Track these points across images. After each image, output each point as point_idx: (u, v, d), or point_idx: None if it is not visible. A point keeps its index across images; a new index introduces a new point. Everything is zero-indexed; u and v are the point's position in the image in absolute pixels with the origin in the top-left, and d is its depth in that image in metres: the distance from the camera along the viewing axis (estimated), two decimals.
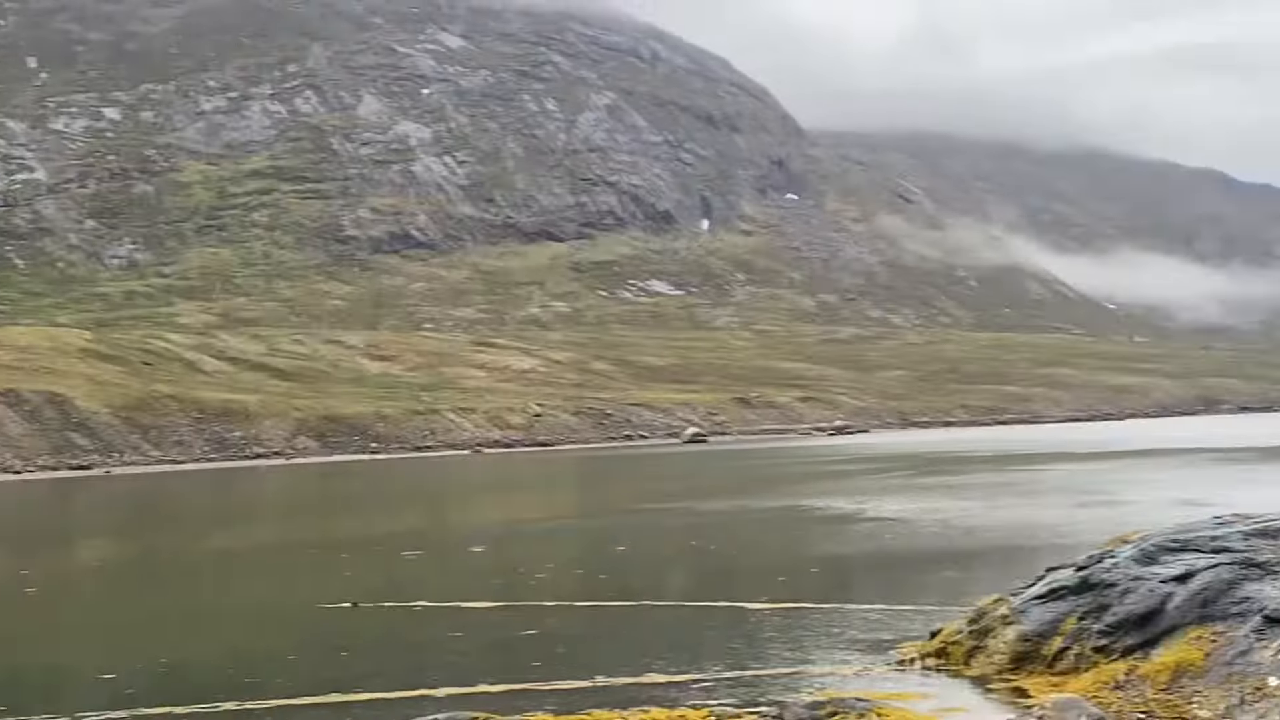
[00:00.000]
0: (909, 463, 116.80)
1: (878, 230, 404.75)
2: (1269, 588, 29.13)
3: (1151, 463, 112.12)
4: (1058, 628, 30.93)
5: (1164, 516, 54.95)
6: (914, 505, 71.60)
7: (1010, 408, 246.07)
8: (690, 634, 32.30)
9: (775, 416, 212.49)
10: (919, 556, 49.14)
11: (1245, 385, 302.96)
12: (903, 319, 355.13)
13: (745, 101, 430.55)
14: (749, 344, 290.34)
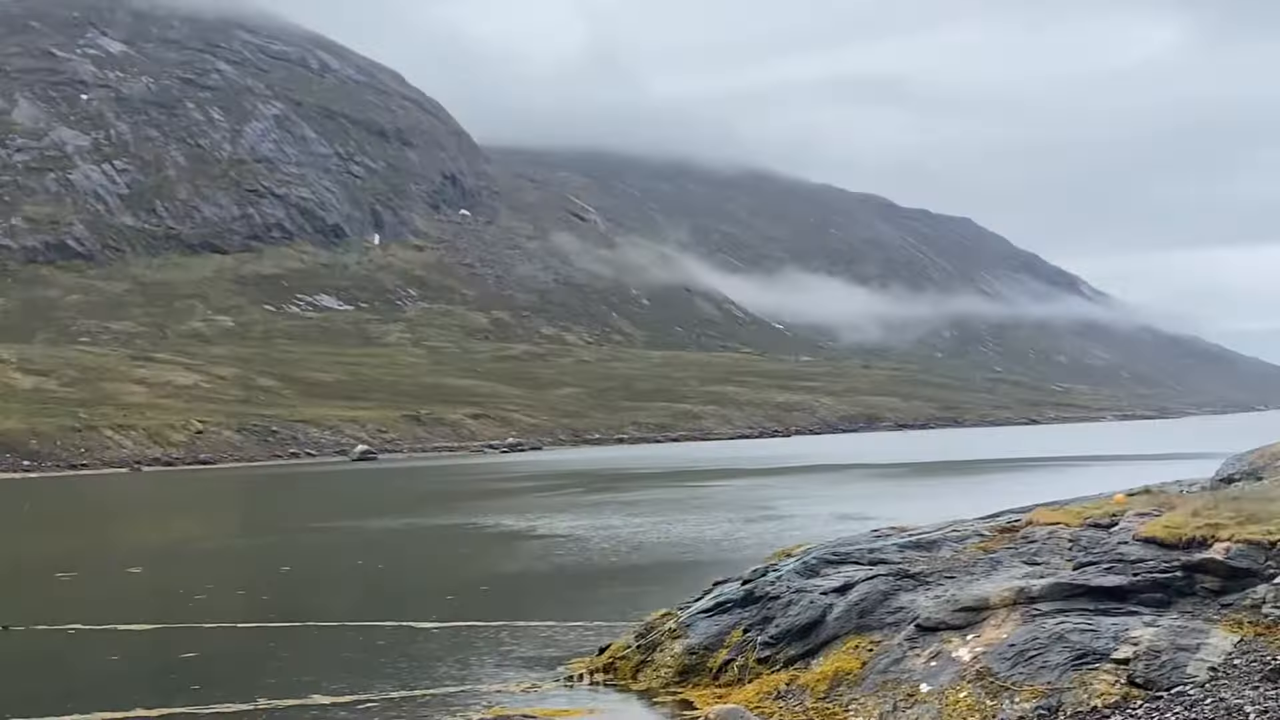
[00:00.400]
0: (581, 480, 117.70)
1: (551, 247, 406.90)
2: (922, 598, 30.18)
3: (815, 478, 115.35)
4: (723, 640, 31.48)
5: (826, 530, 56.55)
6: (585, 522, 72.11)
7: (681, 425, 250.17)
8: (358, 654, 31.82)
9: (447, 434, 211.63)
10: (590, 573, 49.48)
11: (903, 404, 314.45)
12: (576, 336, 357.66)
13: (418, 116, 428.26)
14: (421, 360, 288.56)
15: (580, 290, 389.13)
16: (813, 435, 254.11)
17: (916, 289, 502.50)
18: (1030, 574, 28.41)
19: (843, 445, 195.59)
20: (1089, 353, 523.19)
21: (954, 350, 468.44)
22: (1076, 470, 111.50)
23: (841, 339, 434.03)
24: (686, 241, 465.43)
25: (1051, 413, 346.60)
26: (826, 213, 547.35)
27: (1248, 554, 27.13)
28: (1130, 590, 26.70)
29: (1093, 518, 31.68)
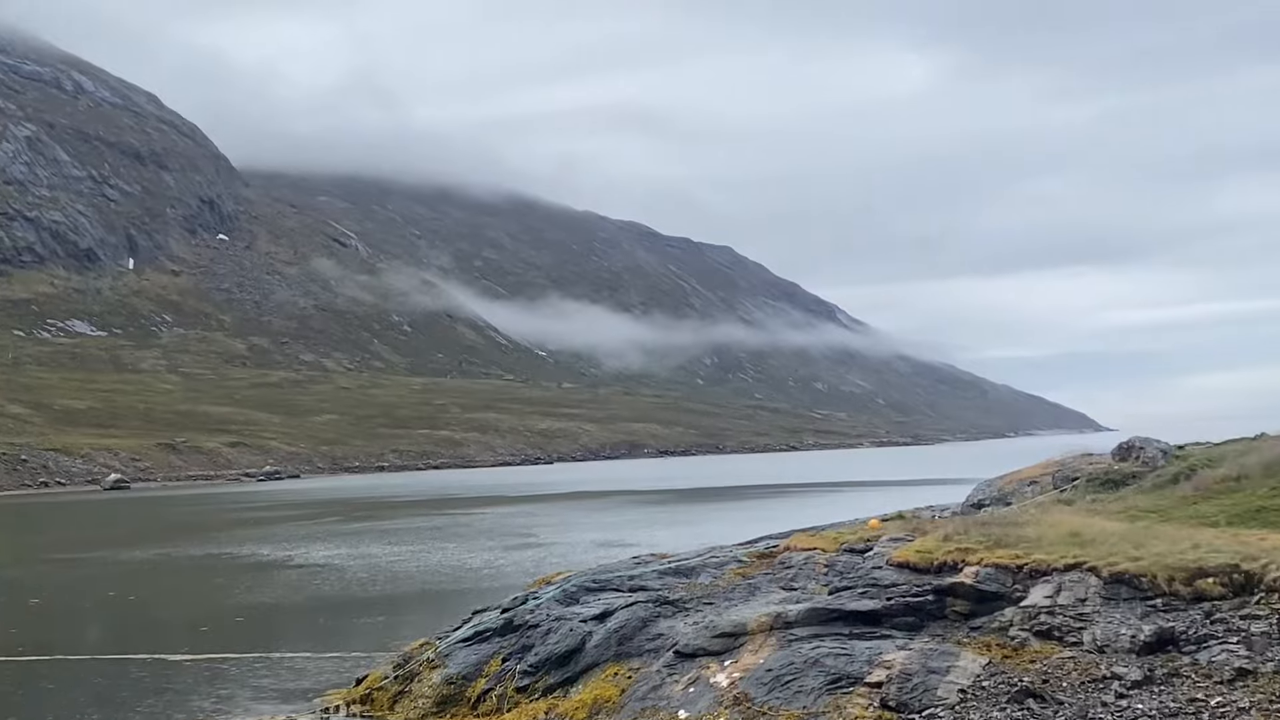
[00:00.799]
0: (340, 508, 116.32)
1: (311, 273, 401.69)
2: (681, 624, 30.41)
3: (577, 505, 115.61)
4: (482, 669, 31.28)
5: (587, 557, 56.64)
6: (344, 551, 71.17)
7: (443, 452, 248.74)
8: (107, 688, 30.85)
9: (203, 462, 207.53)
10: (347, 603, 48.78)
11: (665, 430, 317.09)
12: (335, 363, 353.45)
13: (175, 139, 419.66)
14: (176, 388, 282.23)
15: (340, 316, 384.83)
16: (575, 462, 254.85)
17: (678, 316, 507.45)
18: (787, 599, 28.78)
19: (605, 472, 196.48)
20: (846, 380, 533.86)
21: (715, 377, 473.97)
22: (834, 496, 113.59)
23: (604, 366, 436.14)
24: (449, 267, 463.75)
25: (810, 439, 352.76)
26: (589, 240, 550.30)
27: (996, 577, 27.84)
28: (884, 614, 27.19)
29: (848, 543, 32.24)
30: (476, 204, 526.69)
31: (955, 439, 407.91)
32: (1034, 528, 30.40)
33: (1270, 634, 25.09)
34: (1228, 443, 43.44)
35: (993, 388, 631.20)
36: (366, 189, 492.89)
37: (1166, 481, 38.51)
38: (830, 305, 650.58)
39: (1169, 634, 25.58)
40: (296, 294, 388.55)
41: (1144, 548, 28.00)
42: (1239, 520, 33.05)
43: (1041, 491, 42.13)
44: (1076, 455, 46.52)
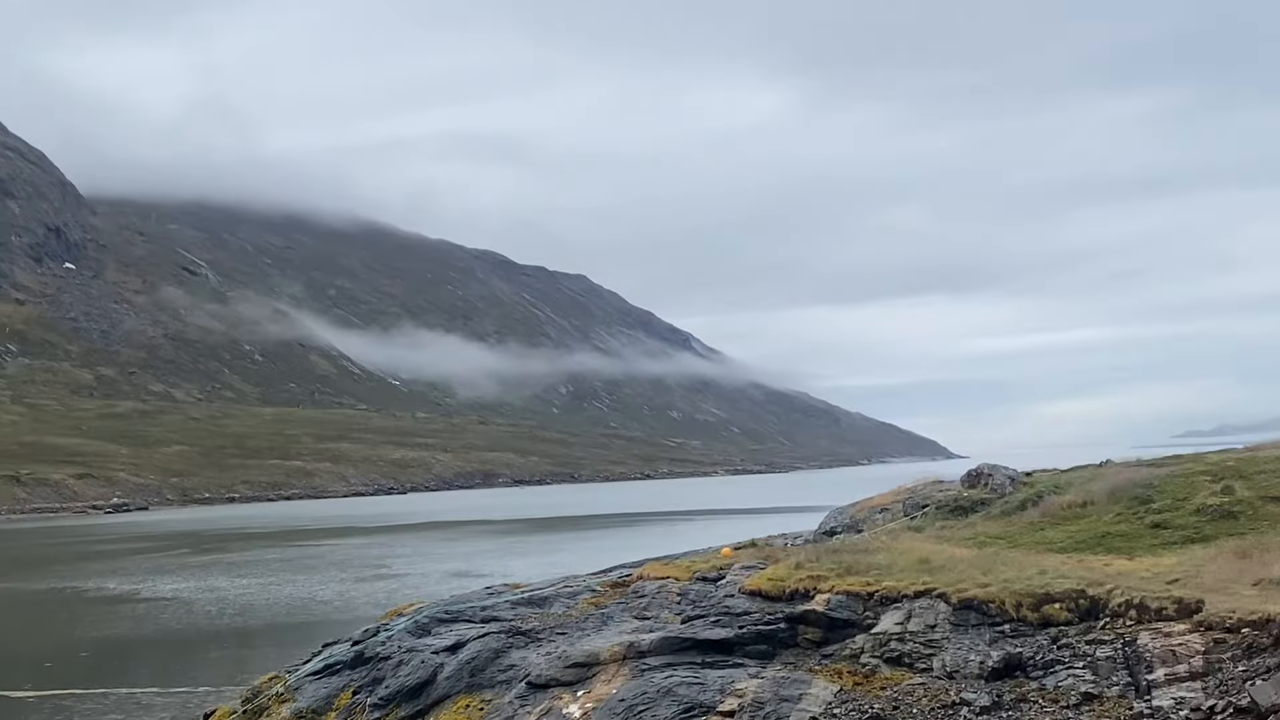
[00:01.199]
0: (189, 540, 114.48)
1: (161, 302, 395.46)
2: (534, 655, 30.24)
3: (431, 536, 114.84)
4: (333, 703, 30.84)
5: (439, 588, 56.20)
6: (192, 584, 70.03)
7: (294, 483, 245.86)
8: None
9: (49, 495, 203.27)
10: (195, 636, 47.96)
11: (520, 460, 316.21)
12: (185, 393, 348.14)
13: (20, 165, 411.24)
14: (21, 419, 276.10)
15: (190, 346, 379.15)
16: (429, 492, 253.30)
17: (533, 345, 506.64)
18: (640, 628, 28.72)
19: (459, 502, 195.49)
20: (701, 408, 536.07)
21: (570, 406, 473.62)
22: (688, 524, 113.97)
23: (458, 395, 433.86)
24: (301, 296, 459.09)
25: (665, 467, 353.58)
26: (443, 269, 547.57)
27: (847, 605, 28.00)
28: (736, 642, 27.23)
29: (701, 571, 32.27)
30: (329, 232, 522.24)
31: (809, 467, 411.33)
32: (885, 555, 30.66)
33: (1115, 659, 25.47)
34: (1074, 469, 44.15)
35: (846, 415, 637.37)
36: (217, 217, 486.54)
37: (1014, 508, 39.05)
38: (685, 334, 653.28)
39: (1017, 660, 25.87)
40: (145, 323, 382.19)
41: (992, 574, 28.33)
42: (1085, 546, 33.58)
43: (892, 518, 42.49)
44: (927, 482, 47.02)
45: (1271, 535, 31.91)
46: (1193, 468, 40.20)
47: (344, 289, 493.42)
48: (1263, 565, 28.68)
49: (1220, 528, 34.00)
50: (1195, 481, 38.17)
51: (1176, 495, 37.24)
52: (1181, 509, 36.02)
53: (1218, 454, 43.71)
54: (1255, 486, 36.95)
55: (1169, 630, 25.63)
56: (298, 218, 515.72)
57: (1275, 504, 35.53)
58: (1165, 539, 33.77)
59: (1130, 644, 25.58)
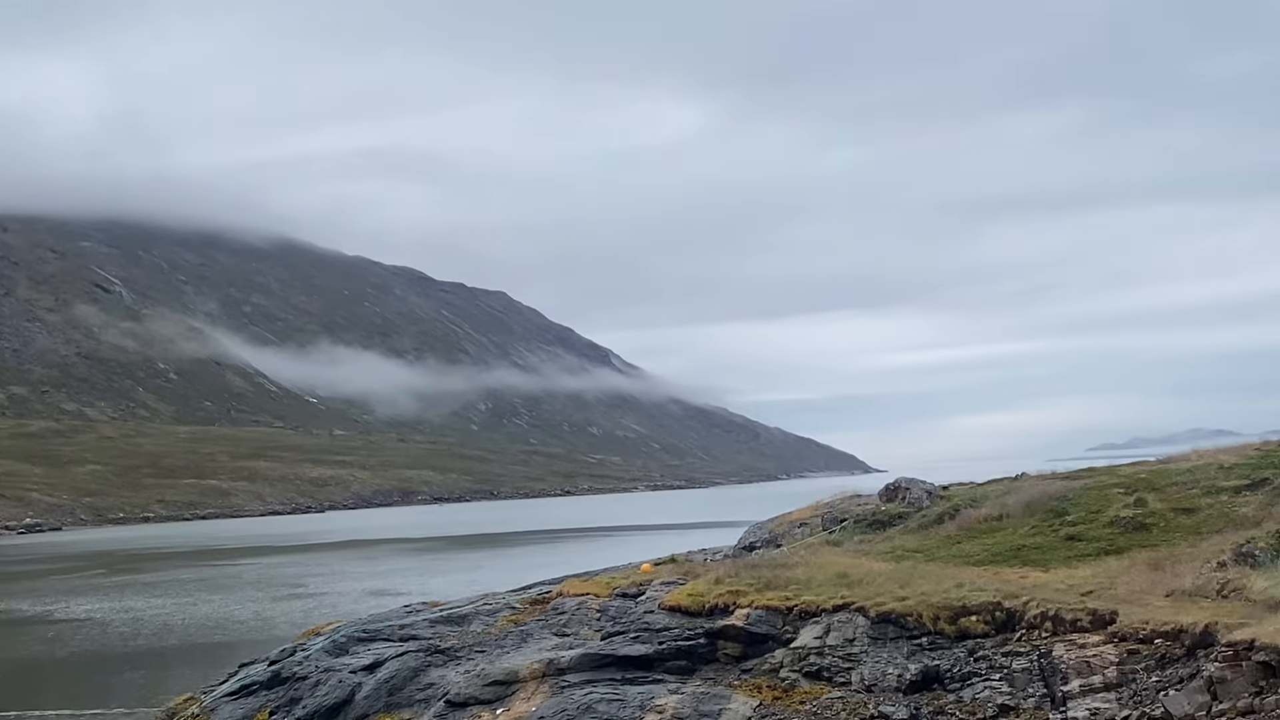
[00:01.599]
0: (103, 561, 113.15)
1: (74, 320, 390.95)
2: (453, 673, 30.11)
3: (349, 554, 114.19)
4: None
5: (357, 607, 55.87)
6: (106, 605, 69.24)
7: (210, 502, 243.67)
8: None
9: None
10: (109, 658, 47.42)
11: (439, 477, 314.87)
12: (99, 412, 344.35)
13: None
14: None
15: (104, 364, 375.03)
16: (347, 510, 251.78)
17: (451, 362, 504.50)
18: (560, 645, 28.68)
19: (378, 520, 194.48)
20: (621, 424, 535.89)
21: (489, 423, 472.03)
22: (608, 540, 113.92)
23: (376, 412, 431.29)
24: (216, 313, 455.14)
25: (586, 484, 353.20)
26: (361, 285, 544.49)
27: (767, 619, 28.09)
28: (656, 658, 27.25)
29: (621, 588, 32.28)
30: (245, 249, 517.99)
31: (728, 482, 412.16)
32: (803, 569, 30.78)
33: (1031, 670, 25.70)
34: (990, 483, 44.54)
35: (765, 430, 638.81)
36: (131, 234, 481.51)
37: (931, 521, 39.34)
38: (604, 350, 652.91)
39: (934, 672, 26.04)
40: (58, 341, 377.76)
41: (910, 587, 28.51)
42: (1001, 558, 33.88)
43: (811, 533, 42.68)
44: (845, 496, 47.26)
45: (1183, 546, 32.33)
46: (1106, 480, 40.67)
47: (260, 306, 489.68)
48: (1175, 576, 29.05)
49: (1133, 539, 34.41)
50: (1108, 494, 38.62)
51: (1090, 508, 37.65)
52: (1095, 521, 36.43)
53: (1130, 467, 44.23)
54: (1167, 498, 37.42)
55: (1083, 642, 25.90)
56: (213, 235, 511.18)
57: (1187, 515, 36.00)
58: (1079, 551, 34.12)
59: (1046, 655, 25.82)
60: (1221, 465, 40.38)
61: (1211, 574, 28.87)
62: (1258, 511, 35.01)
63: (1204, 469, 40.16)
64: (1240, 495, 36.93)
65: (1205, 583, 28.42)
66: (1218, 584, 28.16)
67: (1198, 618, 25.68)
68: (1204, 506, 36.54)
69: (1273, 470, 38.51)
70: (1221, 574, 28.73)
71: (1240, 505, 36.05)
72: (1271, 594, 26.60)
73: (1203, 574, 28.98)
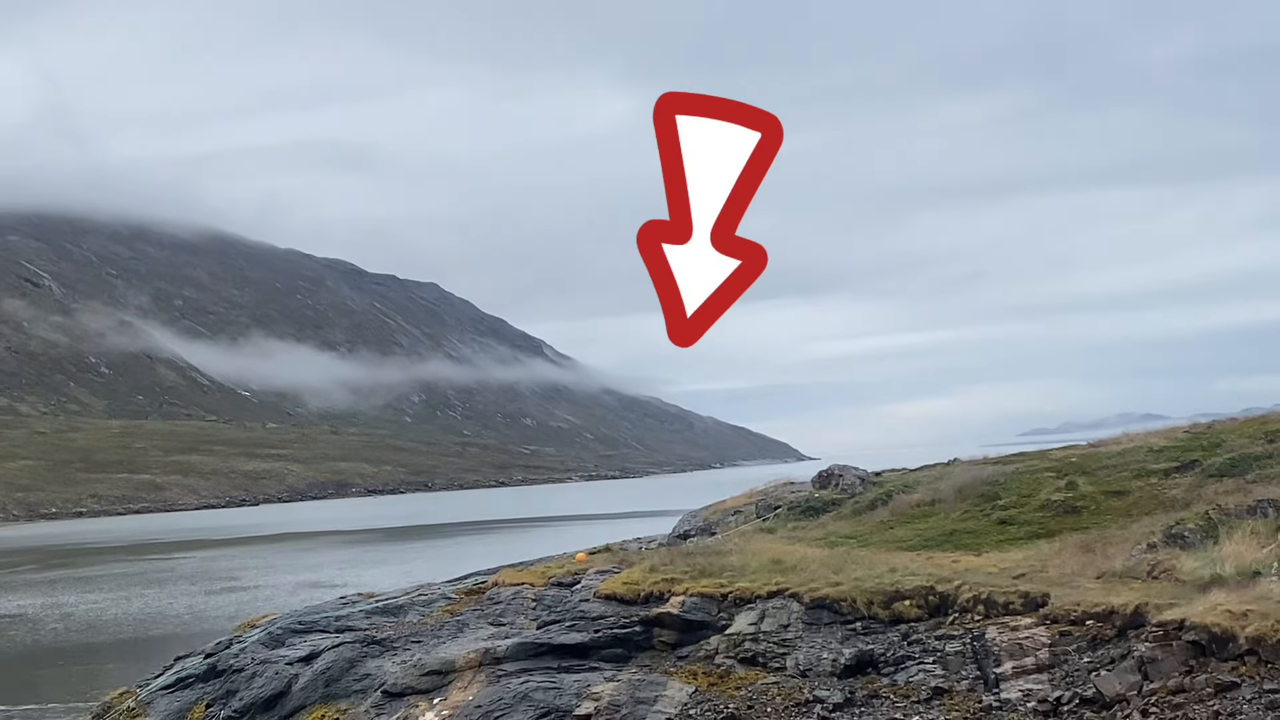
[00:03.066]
0: (35, 556, 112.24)
1: (2, 314, 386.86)
2: (389, 663, 30.11)
3: (283, 547, 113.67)
4: (186, 716, 30.44)
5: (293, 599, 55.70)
6: (38, 600, 68.71)
7: (144, 496, 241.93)
8: None
9: None
10: (43, 653, 47.09)
11: (373, 469, 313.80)
12: (30, 407, 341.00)
13: None
14: None
15: (34, 359, 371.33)
16: (282, 504, 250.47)
17: (384, 354, 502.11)
18: (496, 634, 28.72)
19: (312, 513, 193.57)
20: (554, 415, 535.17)
21: (423, 415, 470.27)
22: (542, 530, 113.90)
23: (309, 405, 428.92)
24: (148, 307, 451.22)
25: (520, 475, 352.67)
26: (292, 278, 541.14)
27: (702, 606, 28.23)
28: (592, 646, 27.33)
29: (556, 577, 32.35)
30: (176, 242, 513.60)
31: (663, 471, 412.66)
32: (738, 556, 30.93)
33: (964, 653, 25.94)
34: (922, 469, 44.86)
35: (699, 420, 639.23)
36: (60, 227, 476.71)
37: (864, 507, 39.61)
38: (537, 341, 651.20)
39: (869, 656, 26.25)
40: None
41: (843, 573, 28.72)
42: (933, 543, 34.17)
43: (745, 521, 42.87)
44: (779, 484, 47.48)
45: (1114, 529, 32.70)
46: (1037, 465, 41.08)
47: (191, 299, 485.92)
48: (1105, 558, 29.39)
49: (1064, 522, 34.78)
50: (1040, 478, 39.01)
51: (1022, 492, 38.03)
52: (1027, 505, 36.80)
53: (1061, 451, 44.70)
54: (1097, 482, 37.83)
55: (1016, 624, 26.17)
56: (143, 228, 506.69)
57: (1117, 498, 36.41)
58: (1011, 535, 34.47)
59: (979, 639, 26.08)
60: (1151, 448, 40.86)
61: (1142, 555, 29.23)
62: (1187, 493, 35.45)
63: (1134, 452, 40.62)
64: (1170, 478, 37.39)
65: (1136, 564, 28.77)
66: (1148, 565, 28.51)
67: (1128, 599, 26.00)
68: (1134, 489, 36.97)
69: (1202, 453, 39.00)
70: (1152, 555, 29.10)
71: (1170, 487, 36.49)
72: (1201, 574, 26.96)
73: (1133, 556, 29.34)
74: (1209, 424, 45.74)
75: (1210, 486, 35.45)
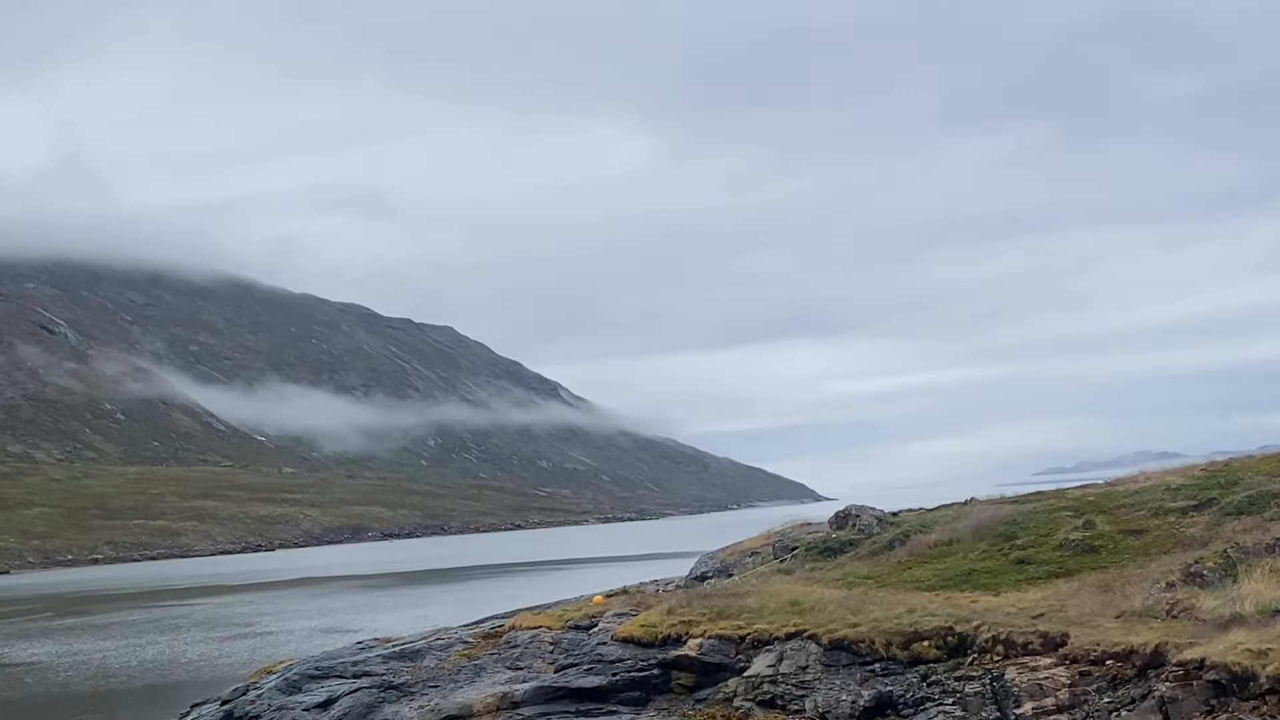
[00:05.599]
0: (51, 604, 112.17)
1: (18, 362, 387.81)
2: (406, 709, 30.01)
3: (300, 592, 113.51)
4: None
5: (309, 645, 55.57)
6: (54, 648, 68.63)
7: (160, 543, 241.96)
8: None
9: None
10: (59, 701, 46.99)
11: (389, 513, 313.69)
12: (45, 454, 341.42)
13: None
14: None
15: (50, 406, 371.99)
16: (298, 548, 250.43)
17: (400, 397, 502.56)
18: (514, 678, 28.62)
19: (328, 557, 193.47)
20: (570, 457, 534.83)
21: (438, 458, 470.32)
22: (559, 573, 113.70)
23: (324, 449, 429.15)
24: (163, 353, 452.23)
25: (536, 517, 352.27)
26: (307, 323, 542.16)
27: (720, 649, 28.11)
28: (610, 690, 27.23)
29: (573, 619, 32.24)
30: (191, 288, 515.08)
31: (679, 513, 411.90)
32: (755, 598, 30.82)
33: (984, 694, 25.79)
34: (940, 508, 44.70)
35: (714, 461, 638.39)
36: (75, 274, 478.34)
37: (882, 548, 39.46)
38: (552, 383, 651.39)
39: (888, 698, 26.11)
40: (2, 384, 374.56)
41: (862, 614, 28.59)
42: (951, 583, 34.01)
43: (762, 561, 42.74)
44: (796, 525, 47.33)
45: (1132, 568, 32.54)
46: (1055, 504, 40.90)
47: (206, 345, 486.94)
48: (1124, 597, 29.23)
49: (1083, 562, 34.62)
50: (1057, 517, 38.84)
51: (1040, 531, 37.86)
52: (1045, 544, 36.63)
53: (1078, 489, 44.50)
54: (1115, 520, 37.66)
55: (1035, 664, 26.01)
56: (158, 274, 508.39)
57: (1135, 537, 36.24)
58: (1030, 574, 34.30)
59: (998, 679, 25.92)
60: (1169, 486, 40.68)
61: (1161, 594, 29.06)
62: (1205, 532, 35.27)
63: (1151, 490, 40.45)
64: (1188, 516, 37.22)
65: (1155, 603, 28.61)
66: (1167, 604, 28.35)
67: (1148, 638, 25.85)
68: (1152, 528, 36.80)
69: (1219, 491, 38.82)
70: (1171, 594, 28.93)
71: (1188, 526, 36.32)
72: (1220, 613, 26.79)
73: (1152, 594, 29.17)
74: (1226, 461, 45.54)
75: (1228, 524, 35.30)
